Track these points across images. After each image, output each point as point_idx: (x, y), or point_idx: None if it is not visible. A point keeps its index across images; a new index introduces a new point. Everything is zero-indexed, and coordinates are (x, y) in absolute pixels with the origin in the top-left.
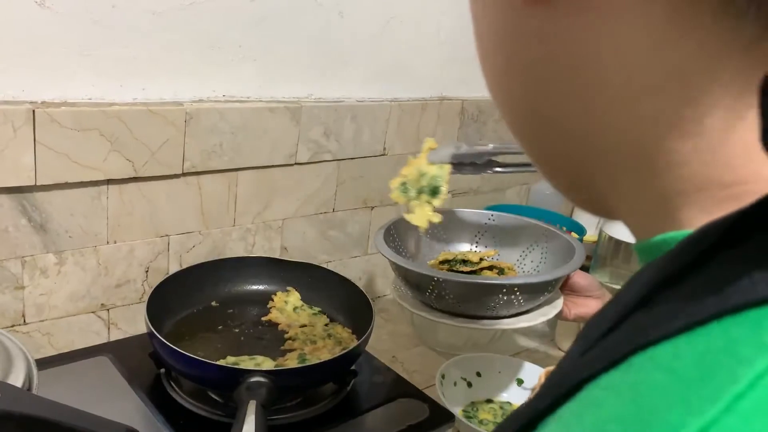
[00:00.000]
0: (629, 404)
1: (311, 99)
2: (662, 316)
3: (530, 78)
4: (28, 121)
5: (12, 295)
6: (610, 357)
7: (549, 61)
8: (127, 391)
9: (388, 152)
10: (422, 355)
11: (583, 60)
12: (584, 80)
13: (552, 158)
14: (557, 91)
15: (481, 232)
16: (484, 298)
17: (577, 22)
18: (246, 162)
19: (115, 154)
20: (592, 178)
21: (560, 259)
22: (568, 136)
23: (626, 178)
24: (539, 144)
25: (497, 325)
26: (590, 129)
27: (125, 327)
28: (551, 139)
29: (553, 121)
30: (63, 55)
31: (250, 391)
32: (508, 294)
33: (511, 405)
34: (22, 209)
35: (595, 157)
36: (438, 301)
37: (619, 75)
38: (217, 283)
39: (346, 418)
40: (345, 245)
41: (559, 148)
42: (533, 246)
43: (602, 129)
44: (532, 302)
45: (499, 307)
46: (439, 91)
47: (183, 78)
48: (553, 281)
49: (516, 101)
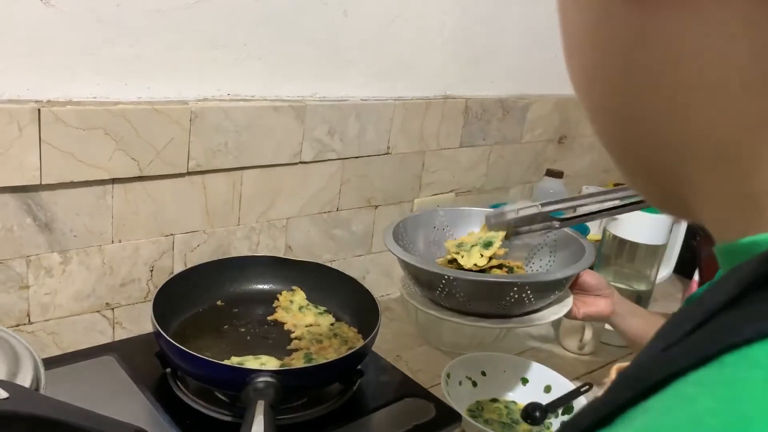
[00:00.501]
0: (727, 400)
1: (315, 98)
2: (757, 315)
3: (625, 76)
4: (34, 120)
5: (17, 295)
6: (698, 354)
7: (646, 58)
8: (133, 391)
9: (392, 151)
10: (427, 354)
11: (682, 57)
12: (681, 78)
13: (642, 163)
14: (652, 90)
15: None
16: (494, 297)
17: (679, 17)
18: (250, 161)
19: (120, 153)
20: (680, 180)
21: (569, 258)
22: (660, 137)
23: (712, 179)
24: (628, 147)
25: (507, 324)
26: (684, 129)
27: (130, 326)
28: (642, 140)
29: (646, 121)
30: (68, 54)
31: (258, 391)
32: (519, 293)
33: (516, 404)
34: (27, 208)
35: (687, 159)
36: (448, 299)
37: (718, 73)
38: (222, 283)
39: (352, 417)
40: (349, 244)
41: (649, 151)
42: (541, 245)
43: (696, 129)
44: (542, 301)
45: (509, 305)
46: (443, 90)
47: (188, 77)
48: (564, 280)
49: (608, 101)
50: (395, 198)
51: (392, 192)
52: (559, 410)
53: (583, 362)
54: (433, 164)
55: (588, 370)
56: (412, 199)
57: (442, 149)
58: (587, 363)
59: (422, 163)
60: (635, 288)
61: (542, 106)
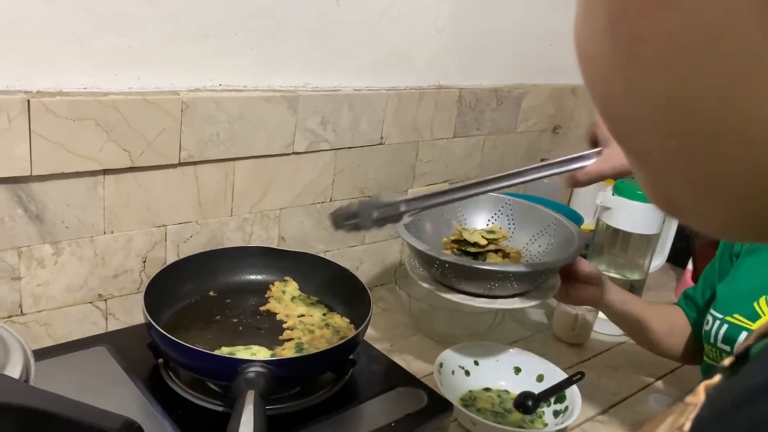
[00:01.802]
0: None
1: (308, 88)
2: None
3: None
4: (23, 110)
5: (9, 286)
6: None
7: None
8: (125, 382)
9: (385, 141)
10: (420, 343)
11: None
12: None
13: (707, 178)
14: (727, 83)
15: (497, 215)
16: (481, 280)
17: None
18: (243, 152)
19: (111, 143)
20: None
21: (564, 247)
22: (743, 140)
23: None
24: (688, 160)
25: (494, 305)
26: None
27: (123, 317)
28: (715, 149)
29: (721, 122)
30: (57, 44)
31: (248, 381)
32: (503, 280)
33: (508, 393)
34: (17, 199)
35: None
36: (443, 278)
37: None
38: (214, 273)
39: (344, 407)
40: (342, 235)
41: (722, 162)
42: (543, 232)
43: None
44: (527, 286)
45: (495, 288)
46: (437, 80)
47: (179, 67)
48: (544, 272)
49: (664, 100)
50: (389, 188)
51: (386, 182)
52: (551, 399)
53: (575, 351)
54: (427, 154)
55: (580, 359)
56: (405, 189)
57: (436, 139)
58: (580, 352)
59: (416, 153)
60: (629, 277)
61: (537, 96)
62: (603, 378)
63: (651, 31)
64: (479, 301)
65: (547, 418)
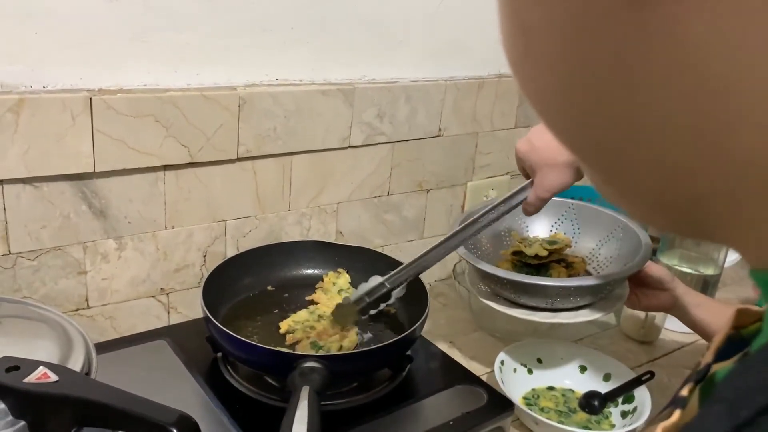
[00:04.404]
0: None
1: (364, 80)
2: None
3: (653, 91)
4: (86, 108)
5: (76, 280)
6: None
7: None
8: (184, 375)
9: (443, 133)
10: (481, 340)
11: (716, 66)
12: (715, 87)
13: (657, 193)
14: (683, 108)
15: (560, 221)
16: (540, 296)
17: (711, 20)
18: (300, 146)
19: (171, 139)
20: (709, 207)
21: (632, 253)
22: (695, 163)
23: (752, 206)
24: (641, 178)
25: (555, 319)
26: (724, 149)
27: (185, 311)
28: (668, 169)
29: (675, 147)
30: (118, 43)
31: (303, 376)
32: (564, 295)
33: (573, 392)
34: (82, 196)
35: (720, 185)
36: (503, 292)
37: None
38: (272, 267)
39: (401, 404)
40: (401, 229)
41: (673, 180)
42: (609, 237)
43: (739, 150)
44: (591, 299)
45: (556, 303)
46: (497, 69)
47: (236, 62)
48: (607, 285)
49: (619, 123)
50: (447, 181)
51: (444, 175)
52: (619, 399)
53: (645, 349)
54: (487, 146)
55: (650, 358)
56: (465, 182)
57: (497, 130)
58: (649, 350)
59: (475, 145)
60: (702, 272)
61: None
62: (674, 378)
63: (536, 25)
64: (541, 315)
65: (614, 419)
